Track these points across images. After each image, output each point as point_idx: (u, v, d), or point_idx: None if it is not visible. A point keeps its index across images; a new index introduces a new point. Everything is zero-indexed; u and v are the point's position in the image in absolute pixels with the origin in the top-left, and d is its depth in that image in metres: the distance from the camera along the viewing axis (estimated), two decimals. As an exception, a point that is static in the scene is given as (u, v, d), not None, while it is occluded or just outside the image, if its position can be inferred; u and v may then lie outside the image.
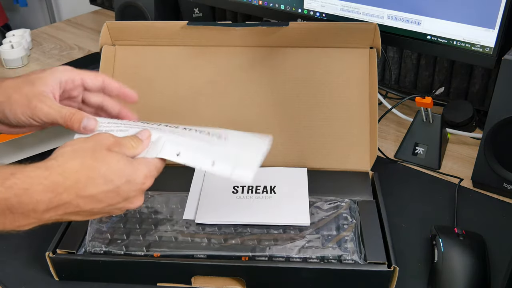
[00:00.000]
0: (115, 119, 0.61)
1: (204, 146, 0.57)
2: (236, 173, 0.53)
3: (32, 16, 2.20)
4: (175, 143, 0.56)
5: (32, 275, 0.65)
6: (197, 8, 1.21)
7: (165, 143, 0.56)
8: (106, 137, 0.52)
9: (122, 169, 0.50)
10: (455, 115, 0.90)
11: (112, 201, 0.50)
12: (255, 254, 0.62)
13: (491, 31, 0.75)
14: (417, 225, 0.72)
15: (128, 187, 0.51)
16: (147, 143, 0.55)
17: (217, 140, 0.58)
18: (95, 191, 0.49)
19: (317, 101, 0.77)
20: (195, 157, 0.55)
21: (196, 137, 0.58)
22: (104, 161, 0.49)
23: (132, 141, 0.54)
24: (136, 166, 0.51)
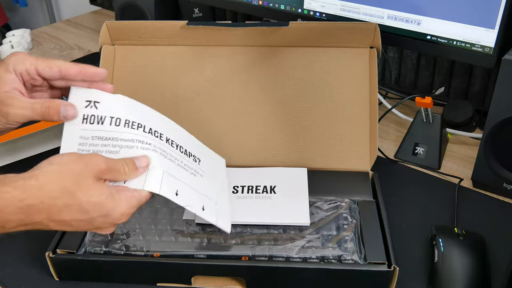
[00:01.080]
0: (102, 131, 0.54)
1: (193, 182, 0.59)
2: (219, 224, 0.60)
3: (32, 16, 2.20)
4: (172, 178, 0.56)
5: (32, 275, 0.65)
6: (197, 8, 1.21)
7: (165, 176, 0.54)
8: (98, 163, 0.50)
9: (102, 203, 0.49)
10: (455, 115, 0.90)
11: (83, 228, 0.50)
12: (255, 254, 0.62)
13: (491, 31, 0.75)
14: (417, 225, 0.72)
15: (103, 220, 0.50)
16: (141, 172, 0.53)
17: (196, 169, 0.62)
18: (68, 217, 0.48)
19: (317, 101, 0.77)
20: (188, 199, 0.57)
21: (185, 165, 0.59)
22: (87, 192, 0.48)
23: (126, 167, 0.51)
24: (117, 201, 0.50)
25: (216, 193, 0.63)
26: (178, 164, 0.58)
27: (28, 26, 1.68)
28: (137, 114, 0.56)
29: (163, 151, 0.56)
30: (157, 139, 0.56)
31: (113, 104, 0.55)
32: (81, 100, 0.54)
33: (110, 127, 0.54)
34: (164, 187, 0.53)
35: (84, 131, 0.54)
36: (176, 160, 0.58)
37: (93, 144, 0.54)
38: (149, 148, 0.55)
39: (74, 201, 0.47)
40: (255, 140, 0.77)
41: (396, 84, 1.07)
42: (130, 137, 0.54)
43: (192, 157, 0.62)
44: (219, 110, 0.78)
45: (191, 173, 0.60)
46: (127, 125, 0.54)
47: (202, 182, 0.61)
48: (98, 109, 0.54)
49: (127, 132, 0.54)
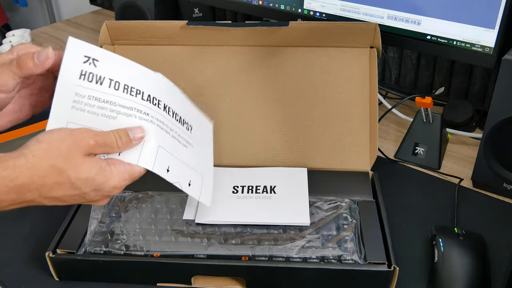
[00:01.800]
0: (99, 92, 0.51)
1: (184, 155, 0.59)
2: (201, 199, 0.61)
3: (32, 16, 2.20)
4: (166, 153, 0.55)
5: (32, 275, 0.65)
6: (197, 8, 1.21)
7: (159, 152, 0.54)
8: (87, 138, 0.48)
9: (93, 178, 0.49)
10: (455, 115, 0.90)
11: (76, 201, 0.50)
12: (255, 254, 0.62)
13: (491, 31, 0.75)
14: (417, 225, 0.72)
15: (95, 194, 0.50)
16: (136, 144, 0.51)
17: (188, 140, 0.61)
18: (59, 194, 0.48)
19: (317, 101, 0.77)
20: (178, 175, 0.57)
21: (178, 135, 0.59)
22: (76, 168, 0.48)
23: (119, 141, 0.50)
24: (108, 176, 0.49)
25: (203, 165, 0.63)
26: (172, 136, 0.57)
27: (28, 26, 1.68)
28: (135, 77, 0.54)
29: (160, 122, 0.55)
30: (154, 108, 0.54)
31: (112, 65, 0.52)
32: (79, 54, 0.51)
33: (109, 90, 0.51)
34: (157, 163, 0.53)
35: (80, 87, 0.50)
36: (172, 131, 0.57)
37: (89, 104, 0.51)
38: (147, 119, 0.53)
39: (64, 179, 0.48)
40: (255, 140, 0.77)
41: (396, 84, 1.07)
42: (129, 105, 0.52)
43: (186, 125, 0.61)
44: (219, 110, 0.78)
45: (183, 145, 0.59)
46: (126, 90, 0.52)
47: (192, 153, 0.61)
48: (97, 68, 0.51)
49: (126, 99, 0.52)
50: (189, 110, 0.63)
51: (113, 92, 0.52)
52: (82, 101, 0.50)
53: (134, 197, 0.70)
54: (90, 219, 0.66)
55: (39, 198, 0.48)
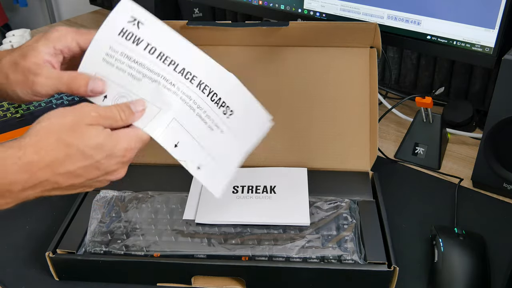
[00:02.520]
0: (133, 52, 0.53)
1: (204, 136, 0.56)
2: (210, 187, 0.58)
3: (32, 16, 2.20)
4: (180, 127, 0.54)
5: (32, 275, 0.65)
6: (197, 8, 1.21)
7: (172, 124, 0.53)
8: (88, 111, 0.49)
9: (101, 144, 0.48)
10: (455, 115, 0.90)
11: (92, 175, 0.49)
12: (255, 254, 0.62)
13: (491, 31, 0.75)
14: (417, 225, 0.72)
15: (108, 161, 0.49)
16: (139, 116, 0.52)
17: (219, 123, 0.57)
18: (73, 167, 0.47)
19: (317, 101, 0.77)
20: (187, 154, 0.55)
21: (206, 115, 0.56)
22: (82, 136, 0.47)
23: (122, 113, 0.51)
24: (115, 139, 0.49)
25: (226, 155, 0.59)
26: (197, 114, 0.55)
27: (28, 26, 1.68)
28: (175, 49, 0.55)
29: (187, 96, 0.54)
30: (185, 81, 0.54)
31: (155, 31, 0.54)
32: (126, 14, 0.54)
33: (143, 52, 0.53)
34: (164, 135, 0.53)
35: (116, 43, 0.53)
36: (199, 108, 0.55)
37: (120, 60, 0.53)
38: (170, 89, 0.54)
39: (72, 149, 0.47)
40: (255, 140, 0.77)
41: (396, 84, 1.07)
42: (157, 71, 0.54)
43: (223, 109, 0.57)
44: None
45: (208, 126, 0.56)
46: (160, 57, 0.54)
47: (217, 139, 0.57)
48: (139, 30, 0.53)
49: (157, 65, 0.54)
50: (237, 97, 0.59)
51: (146, 55, 0.53)
52: (114, 55, 0.53)
53: (134, 197, 0.70)
54: (90, 219, 0.66)
55: (53, 176, 0.47)
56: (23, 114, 0.91)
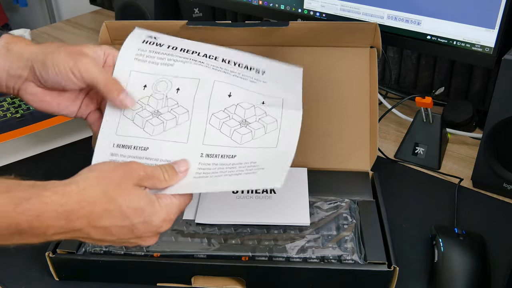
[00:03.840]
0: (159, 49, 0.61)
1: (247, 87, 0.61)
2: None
3: (32, 16, 2.20)
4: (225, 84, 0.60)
5: (32, 275, 0.65)
6: (197, 8, 1.21)
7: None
8: (137, 169, 0.50)
9: (142, 209, 0.48)
10: (455, 115, 0.90)
11: (124, 236, 0.49)
12: (255, 254, 0.62)
13: (491, 31, 0.75)
14: (417, 225, 0.72)
15: (144, 227, 0.49)
16: (182, 176, 0.53)
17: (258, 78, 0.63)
18: (109, 223, 0.47)
19: (317, 100, 0.77)
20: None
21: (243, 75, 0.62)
22: (127, 197, 0.48)
23: (166, 174, 0.51)
24: (156, 208, 0.49)
25: (284, 99, 0.62)
26: (234, 75, 0.61)
27: (28, 26, 1.68)
28: (193, 45, 0.63)
29: (217, 66, 0.61)
30: (211, 60, 0.62)
31: (170, 39, 0.63)
32: (142, 35, 0.63)
33: (167, 49, 0.62)
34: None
35: (143, 45, 0.61)
36: (232, 72, 0.62)
37: (150, 56, 0.61)
38: (201, 64, 0.61)
39: (114, 206, 0.47)
40: (255, 140, 0.77)
41: (396, 84, 1.07)
42: (185, 56, 0.61)
43: (254, 70, 0.63)
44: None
45: (250, 81, 0.62)
46: (183, 50, 0.62)
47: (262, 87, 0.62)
48: (157, 40, 0.63)
49: (183, 54, 0.62)
50: (261, 63, 0.65)
51: (171, 51, 0.62)
52: (143, 54, 0.61)
53: (134, 197, 0.70)
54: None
55: (88, 227, 0.47)
56: (23, 114, 0.91)
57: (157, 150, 0.57)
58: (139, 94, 0.59)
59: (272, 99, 0.61)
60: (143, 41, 0.62)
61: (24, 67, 0.56)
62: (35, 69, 0.56)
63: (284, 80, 0.64)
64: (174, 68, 0.60)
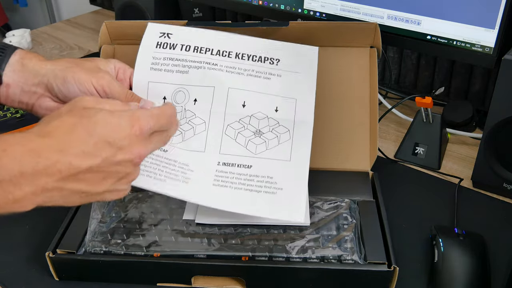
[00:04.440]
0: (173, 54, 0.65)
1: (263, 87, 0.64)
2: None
3: (32, 16, 2.20)
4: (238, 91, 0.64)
5: (32, 275, 0.65)
6: (197, 8, 1.21)
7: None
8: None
9: (97, 121, 0.46)
10: (455, 115, 0.90)
11: (106, 153, 0.46)
12: (255, 254, 0.62)
13: (491, 31, 0.75)
14: (417, 225, 0.72)
15: (109, 149, 0.46)
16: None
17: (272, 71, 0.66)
18: (81, 145, 0.45)
19: (317, 100, 0.76)
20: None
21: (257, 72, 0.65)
22: (87, 113, 0.46)
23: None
24: (115, 118, 0.47)
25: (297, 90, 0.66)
26: (248, 74, 0.65)
27: (28, 26, 1.68)
28: (206, 40, 0.65)
29: (231, 67, 0.64)
30: (224, 58, 0.65)
31: (184, 35, 0.65)
32: (156, 32, 0.66)
33: (181, 52, 0.65)
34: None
35: (157, 53, 0.64)
36: (246, 70, 0.65)
37: (165, 64, 0.64)
38: (215, 68, 0.64)
39: (78, 129, 0.46)
40: (255, 140, 0.77)
41: (396, 84, 1.07)
42: (198, 59, 0.64)
43: (268, 61, 0.66)
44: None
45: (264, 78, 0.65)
46: (196, 50, 0.64)
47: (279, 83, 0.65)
48: (170, 39, 0.65)
49: (196, 56, 0.64)
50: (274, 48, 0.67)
51: (184, 53, 0.64)
52: (158, 62, 0.64)
53: (134, 197, 0.70)
54: (90, 219, 0.66)
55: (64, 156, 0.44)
56: (23, 114, 0.91)
57: (175, 154, 0.60)
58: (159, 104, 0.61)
59: (286, 105, 0.64)
60: (157, 44, 0.65)
61: (39, 83, 0.58)
62: (53, 85, 0.57)
63: (299, 67, 0.67)
64: (190, 76, 0.63)
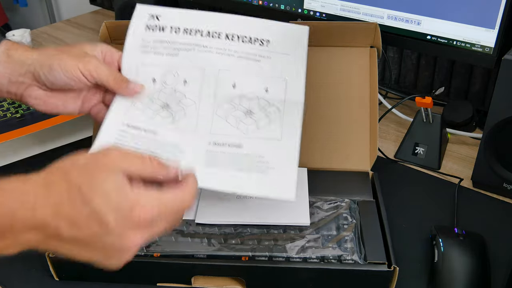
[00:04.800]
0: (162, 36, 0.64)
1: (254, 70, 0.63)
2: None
3: (32, 16, 2.20)
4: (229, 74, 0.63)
5: (32, 275, 0.65)
6: (197, 8, 1.21)
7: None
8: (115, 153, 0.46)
9: (107, 193, 0.42)
10: (455, 115, 0.90)
11: (95, 233, 0.42)
12: (255, 254, 0.62)
13: (491, 31, 0.75)
14: (417, 225, 0.72)
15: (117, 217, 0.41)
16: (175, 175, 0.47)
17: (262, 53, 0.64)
18: (73, 211, 0.41)
19: (317, 101, 0.77)
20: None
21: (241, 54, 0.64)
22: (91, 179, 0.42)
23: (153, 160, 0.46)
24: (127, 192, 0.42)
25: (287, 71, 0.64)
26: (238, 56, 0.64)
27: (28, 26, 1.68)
28: (195, 21, 0.65)
29: (220, 49, 0.64)
30: (214, 39, 0.64)
31: (173, 17, 0.65)
32: (145, 14, 0.65)
33: (170, 34, 0.64)
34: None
35: (146, 35, 0.64)
36: (236, 52, 0.64)
37: (154, 46, 0.63)
38: (204, 50, 0.63)
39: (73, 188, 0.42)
40: (255, 140, 0.77)
41: (396, 84, 1.07)
42: (188, 41, 0.63)
43: (258, 42, 0.65)
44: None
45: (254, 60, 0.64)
46: (186, 32, 0.64)
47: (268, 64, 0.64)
48: (159, 21, 0.64)
49: (186, 38, 0.64)
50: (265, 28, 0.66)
51: (173, 35, 0.64)
52: (148, 45, 0.64)
53: (134, 197, 0.70)
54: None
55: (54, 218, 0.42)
56: (23, 114, 0.91)
57: (165, 135, 0.60)
58: (149, 89, 0.62)
59: (276, 85, 0.63)
60: (146, 27, 0.64)
61: (26, 73, 0.58)
62: (40, 74, 0.57)
63: (289, 47, 0.66)
64: (179, 58, 0.63)
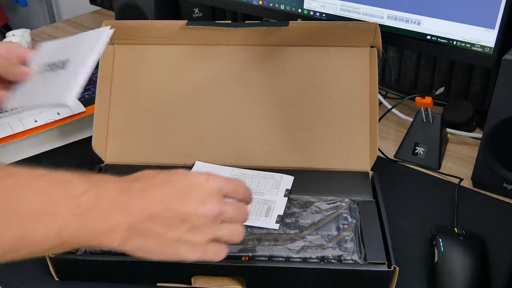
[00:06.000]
0: None
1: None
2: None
3: (32, 16, 2.20)
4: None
5: (32, 275, 0.65)
6: (197, 8, 1.21)
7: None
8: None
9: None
10: (455, 115, 0.90)
11: (172, 217, 0.47)
12: (255, 254, 0.62)
13: (491, 31, 0.75)
14: (417, 225, 0.72)
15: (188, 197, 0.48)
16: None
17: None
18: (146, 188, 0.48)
19: (317, 100, 0.77)
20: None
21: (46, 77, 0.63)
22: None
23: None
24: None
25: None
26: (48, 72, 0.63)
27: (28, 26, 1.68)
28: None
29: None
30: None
31: None
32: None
33: None
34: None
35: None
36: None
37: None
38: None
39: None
40: (255, 140, 0.77)
41: (396, 84, 1.07)
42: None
43: (57, 65, 0.66)
44: (218, 110, 0.78)
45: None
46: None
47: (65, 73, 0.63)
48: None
49: None
50: (61, 48, 0.71)
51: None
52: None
53: (134, 197, 0.70)
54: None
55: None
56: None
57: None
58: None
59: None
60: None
61: None
62: None
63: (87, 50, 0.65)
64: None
